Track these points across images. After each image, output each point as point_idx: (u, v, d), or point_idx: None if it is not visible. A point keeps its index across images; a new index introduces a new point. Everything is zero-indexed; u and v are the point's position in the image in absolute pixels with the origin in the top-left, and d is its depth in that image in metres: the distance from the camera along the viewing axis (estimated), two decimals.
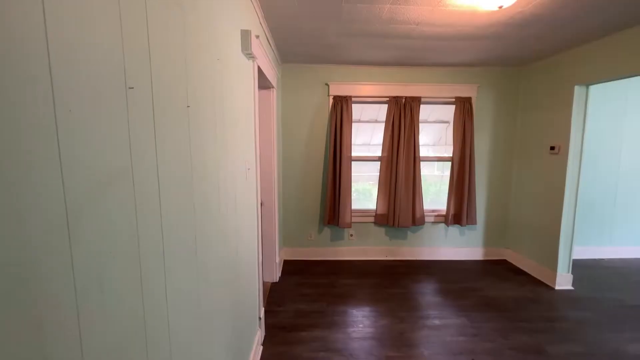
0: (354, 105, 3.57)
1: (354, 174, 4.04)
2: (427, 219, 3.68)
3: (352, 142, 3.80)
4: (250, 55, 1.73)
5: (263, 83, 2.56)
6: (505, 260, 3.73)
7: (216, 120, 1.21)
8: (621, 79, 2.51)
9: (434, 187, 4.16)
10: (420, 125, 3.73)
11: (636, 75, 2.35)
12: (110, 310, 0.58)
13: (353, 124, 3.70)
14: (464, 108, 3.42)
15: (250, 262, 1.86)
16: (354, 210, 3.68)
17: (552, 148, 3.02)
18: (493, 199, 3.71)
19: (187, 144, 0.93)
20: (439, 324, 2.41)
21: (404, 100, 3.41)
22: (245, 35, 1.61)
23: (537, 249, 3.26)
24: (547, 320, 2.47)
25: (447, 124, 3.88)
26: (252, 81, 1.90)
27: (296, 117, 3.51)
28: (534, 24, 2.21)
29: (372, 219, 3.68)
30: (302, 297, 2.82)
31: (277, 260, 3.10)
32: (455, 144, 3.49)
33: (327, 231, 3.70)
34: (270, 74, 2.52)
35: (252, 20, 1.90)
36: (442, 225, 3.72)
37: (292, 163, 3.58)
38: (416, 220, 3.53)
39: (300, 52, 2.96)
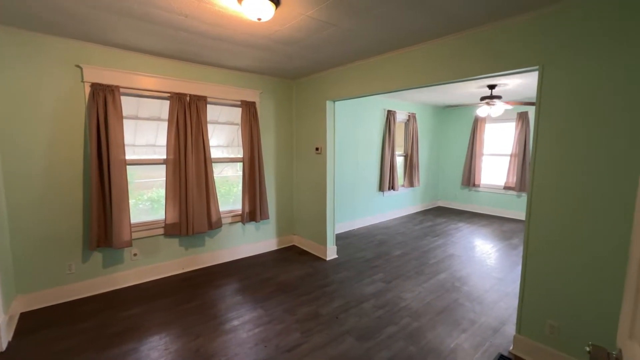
0: (128, 99, 2.96)
1: (144, 180, 3.39)
2: (224, 221, 3.65)
3: (132, 143, 3.17)
4: None
5: None
6: (294, 245, 4.35)
7: None
8: (352, 98, 3.47)
9: (236, 187, 4.20)
10: (212, 126, 3.64)
11: (359, 97, 3.32)
12: None
13: (131, 121, 3.08)
14: (249, 112, 3.63)
15: None
16: (137, 224, 3.08)
17: (317, 149, 3.78)
18: (280, 193, 4.21)
19: None
20: (237, 324, 2.43)
21: (188, 98, 3.18)
22: None
23: (313, 230, 4.00)
24: (320, 287, 3.07)
25: (238, 126, 4.00)
26: None
27: (24, 108, 2.47)
28: (292, 44, 2.62)
29: (161, 231, 3.21)
30: (55, 356, 2.03)
31: (3, 318, 2.07)
32: (244, 145, 3.65)
33: (97, 256, 2.88)
34: None
35: None
36: (240, 224, 3.82)
37: (25, 174, 2.50)
38: (213, 224, 3.41)
39: (25, 13, 2.07)
